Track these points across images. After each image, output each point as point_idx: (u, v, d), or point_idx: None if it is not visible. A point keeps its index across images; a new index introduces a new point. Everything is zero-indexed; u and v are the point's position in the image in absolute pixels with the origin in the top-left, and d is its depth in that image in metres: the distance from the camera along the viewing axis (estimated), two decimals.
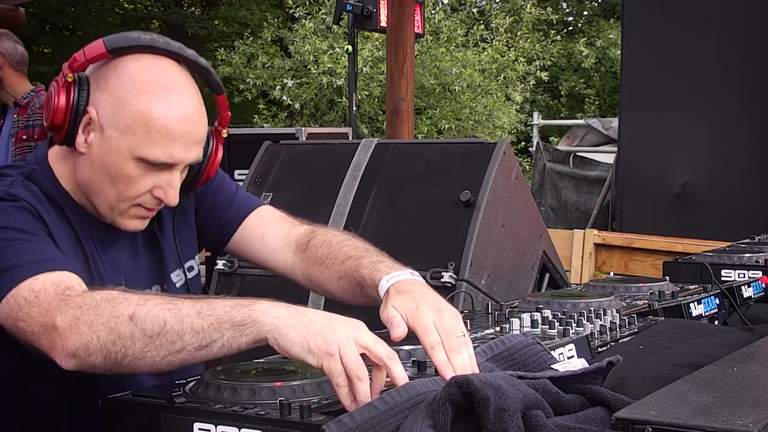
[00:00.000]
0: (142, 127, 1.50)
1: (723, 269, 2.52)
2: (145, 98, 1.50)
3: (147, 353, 1.27)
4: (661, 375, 1.36)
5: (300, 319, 1.22)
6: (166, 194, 1.56)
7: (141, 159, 1.52)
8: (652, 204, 7.12)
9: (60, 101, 1.51)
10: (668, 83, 7.11)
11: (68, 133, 1.53)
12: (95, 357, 1.29)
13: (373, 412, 1.09)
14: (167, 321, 1.26)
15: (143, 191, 1.55)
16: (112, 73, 1.53)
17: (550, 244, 3.64)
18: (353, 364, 1.17)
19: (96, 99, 1.53)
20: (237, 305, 1.25)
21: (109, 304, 1.30)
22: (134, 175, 1.53)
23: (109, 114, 1.52)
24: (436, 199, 3.23)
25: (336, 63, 10.96)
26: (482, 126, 12.09)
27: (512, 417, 1.05)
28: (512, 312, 1.83)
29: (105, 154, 1.53)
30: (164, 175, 1.55)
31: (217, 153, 1.70)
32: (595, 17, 18.28)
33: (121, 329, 1.27)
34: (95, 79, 1.54)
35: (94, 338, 1.28)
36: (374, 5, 6.68)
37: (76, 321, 1.29)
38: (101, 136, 1.53)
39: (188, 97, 1.55)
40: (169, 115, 1.51)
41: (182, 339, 1.26)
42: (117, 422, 1.28)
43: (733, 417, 0.99)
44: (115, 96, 1.52)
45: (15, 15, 5.58)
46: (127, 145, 1.51)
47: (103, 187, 1.55)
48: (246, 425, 1.14)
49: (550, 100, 17.22)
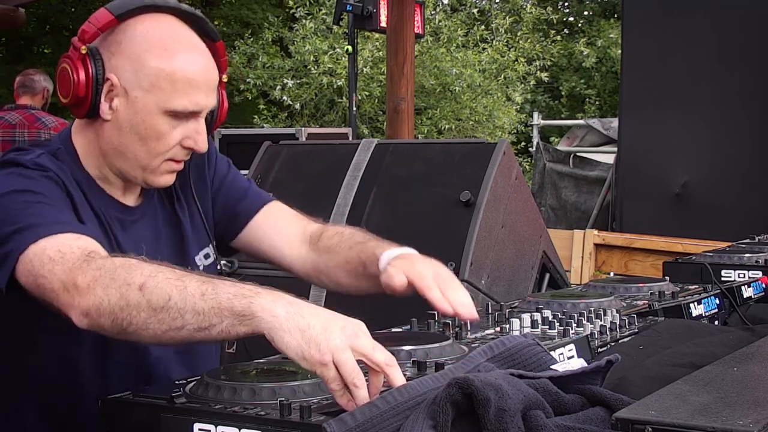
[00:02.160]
0: (166, 80, 1.56)
1: (723, 269, 2.52)
2: (162, 54, 1.56)
3: (150, 325, 1.29)
4: (661, 375, 1.36)
5: (297, 323, 1.21)
6: (196, 142, 1.62)
7: (169, 112, 1.57)
8: (652, 204, 7.12)
9: (80, 75, 1.55)
10: (668, 83, 7.12)
11: (92, 104, 1.57)
12: (104, 319, 1.32)
13: (375, 411, 1.09)
14: (172, 297, 1.28)
15: (173, 144, 1.61)
16: (123, 37, 1.58)
17: (550, 244, 3.64)
18: (349, 373, 1.17)
19: (113, 65, 1.57)
20: (239, 294, 1.26)
21: (125, 270, 1.32)
22: (164, 130, 1.58)
23: (131, 76, 1.57)
24: (436, 199, 3.23)
25: (336, 63, 10.96)
26: (482, 126, 12.09)
27: (512, 417, 1.05)
28: (512, 312, 1.83)
29: (133, 115, 1.58)
30: (191, 123, 1.61)
31: (224, 98, 1.77)
32: (596, 17, 18.28)
33: (130, 297, 1.30)
34: (106, 47, 1.59)
35: (105, 300, 1.31)
36: (374, 5, 6.68)
37: (94, 281, 1.32)
38: (126, 99, 1.58)
39: (198, 46, 1.62)
40: (189, 65, 1.58)
41: (183, 317, 1.27)
42: (117, 422, 1.28)
43: (733, 417, 0.99)
44: (132, 58, 1.57)
45: (15, 15, 5.59)
46: (154, 102, 1.57)
47: (134, 148, 1.60)
48: (246, 425, 1.14)
49: (550, 101, 17.22)
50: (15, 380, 1.63)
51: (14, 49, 13.43)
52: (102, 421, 1.29)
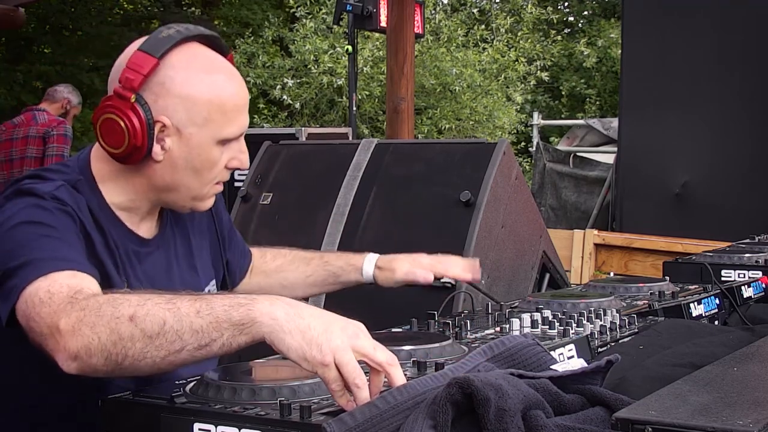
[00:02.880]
0: (218, 113, 1.59)
1: (723, 269, 2.52)
2: (208, 87, 1.58)
3: (147, 354, 1.26)
4: (661, 375, 1.36)
5: (297, 324, 1.21)
6: (241, 161, 1.67)
7: (222, 140, 1.62)
8: (652, 204, 7.12)
9: (134, 123, 1.55)
10: (668, 83, 7.12)
11: (148, 149, 1.58)
12: (96, 358, 1.28)
13: (374, 411, 1.09)
14: (167, 320, 1.25)
15: (221, 168, 1.65)
16: (164, 77, 1.57)
17: (550, 244, 3.64)
18: (350, 373, 1.17)
19: (160, 106, 1.57)
20: (236, 304, 1.25)
21: (110, 305, 1.29)
22: (216, 158, 1.63)
23: (183, 115, 1.58)
24: (436, 199, 3.23)
25: (336, 63, 10.95)
26: (482, 126, 12.08)
27: (513, 417, 1.05)
28: (512, 312, 1.83)
29: (188, 152, 1.60)
30: (234, 144, 1.65)
31: None
32: (596, 17, 18.28)
33: (121, 330, 1.26)
34: (148, 89, 1.57)
35: (95, 339, 1.27)
36: (374, 5, 6.68)
37: (78, 323, 1.29)
38: (179, 137, 1.59)
39: (232, 69, 1.66)
40: (232, 91, 1.62)
41: (182, 339, 1.25)
42: (117, 422, 1.28)
43: (733, 417, 0.99)
44: (181, 96, 1.57)
45: (15, 15, 5.58)
46: (209, 135, 1.60)
47: (188, 181, 1.63)
48: (246, 425, 1.14)
49: (550, 100, 17.21)
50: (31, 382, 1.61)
51: (14, 49, 13.41)
52: (102, 421, 1.30)
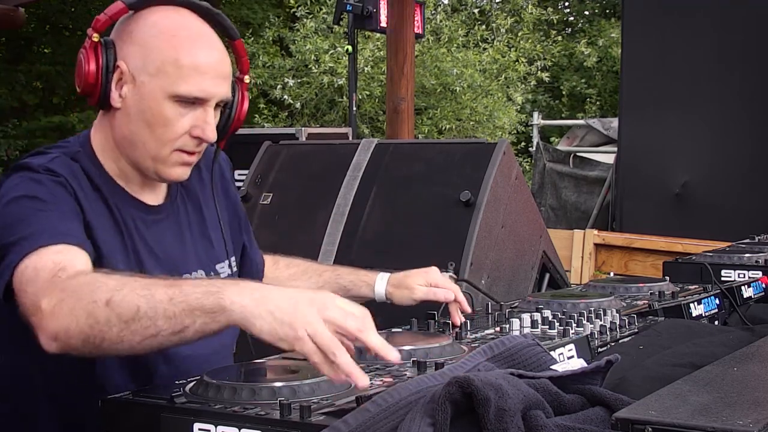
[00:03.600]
0: (172, 65, 1.56)
1: (723, 269, 2.52)
2: (171, 40, 1.58)
3: (123, 338, 1.29)
4: (661, 375, 1.36)
5: (266, 307, 1.23)
6: (203, 131, 1.60)
7: (175, 96, 1.57)
8: (652, 204, 7.12)
9: (90, 63, 1.57)
10: (668, 83, 7.12)
11: (102, 92, 1.59)
12: (75, 340, 1.32)
13: (366, 415, 1.09)
14: (140, 307, 1.28)
15: (181, 132, 1.60)
16: (134, 26, 1.60)
17: (550, 244, 3.64)
18: (325, 344, 1.19)
19: (123, 53, 1.59)
20: (207, 292, 1.27)
21: (89, 287, 1.33)
22: (171, 116, 1.58)
23: (139, 62, 1.58)
24: (436, 199, 3.23)
25: (337, 63, 10.95)
26: (482, 126, 12.08)
27: (513, 417, 1.05)
28: (512, 312, 1.84)
29: (140, 101, 1.58)
30: (199, 112, 1.60)
31: (244, 97, 1.76)
32: (596, 17, 18.28)
33: (98, 314, 1.29)
34: (119, 36, 1.61)
35: (73, 322, 1.31)
36: (374, 5, 6.68)
37: (59, 304, 1.32)
38: (134, 85, 1.59)
39: (209, 35, 1.63)
40: (196, 51, 1.58)
41: (156, 325, 1.28)
42: (117, 422, 1.28)
43: (733, 417, 0.99)
44: (141, 44, 1.58)
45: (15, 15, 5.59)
46: (160, 86, 1.57)
47: (143, 136, 1.60)
48: (246, 425, 1.14)
49: (551, 100, 17.21)
50: (35, 381, 1.61)
51: (14, 49, 13.41)
52: (102, 421, 1.29)
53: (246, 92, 1.77)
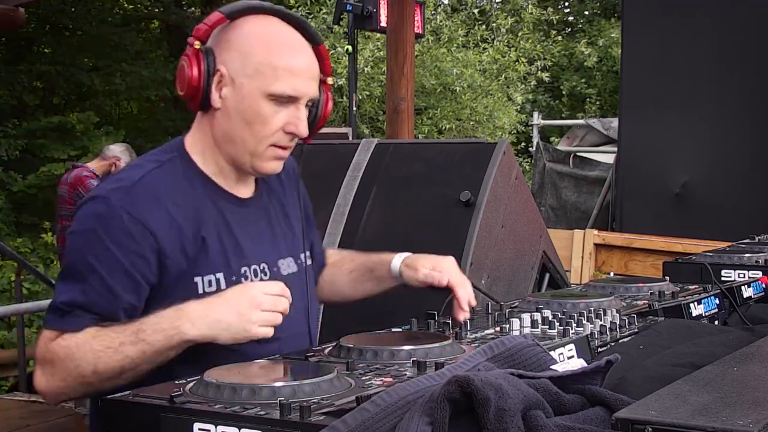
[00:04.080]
0: (268, 67, 1.73)
1: (723, 269, 2.52)
2: (267, 46, 1.75)
3: (112, 385, 1.57)
4: (661, 375, 1.36)
5: (219, 326, 1.57)
6: (297, 127, 1.77)
7: (270, 95, 1.74)
8: (652, 204, 7.12)
9: (192, 69, 1.74)
10: (668, 83, 7.12)
11: (204, 94, 1.75)
12: (70, 396, 1.68)
13: (365, 415, 1.09)
14: (123, 366, 1.58)
15: (276, 128, 1.76)
16: (232, 34, 1.77)
17: (550, 244, 3.63)
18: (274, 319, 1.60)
19: (222, 58, 1.76)
20: (167, 336, 1.57)
21: (73, 364, 1.60)
22: (267, 113, 1.75)
23: (238, 65, 1.75)
24: (436, 199, 3.23)
25: (337, 63, 10.95)
26: (483, 126, 12.09)
27: (512, 417, 1.05)
28: (512, 312, 1.83)
29: (239, 101, 1.75)
30: (292, 110, 1.77)
31: (328, 97, 1.93)
32: (596, 17, 18.28)
33: (89, 380, 1.60)
34: (218, 44, 1.77)
35: (71, 388, 1.63)
36: (374, 5, 6.68)
37: (51, 378, 1.63)
38: (233, 87, 1.75)
39: (299, 40, 1.80)
40: (289, 55, 1.76)
41: (138, 369, 1.59)
42: (117, 422, 1.28)
43: (733, 417, 0.99)
44: (239, 50, 1.75)
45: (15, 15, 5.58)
46: (257, 87, 1.73)
47: (241, 133, 1.76)
48: (246, 425, 1.14)
49: (551, 100, 17.22)
50: None
51: (14, 49, 13.41)
52: (102, 421, 1.30)
53: (330, 93, 1.93)
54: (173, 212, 1.71)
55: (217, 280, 1.72)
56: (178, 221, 1.71)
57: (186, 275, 1.70)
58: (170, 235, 1.69)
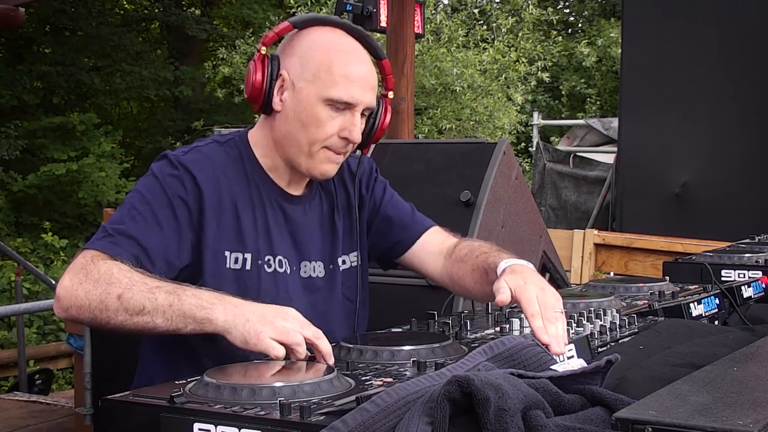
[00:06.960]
0: (326, 72, 1.81)
1: (723, 269, 2.52)
2: (327, 52, 1.83)
3: (125, 325, 1.59)
4: (661, 375, 1.36)
5: (241, 322, 1.51)
6: (350, 132, 1.84)
7: (327, 100, 1.82)
8: (652, 204, 7.11)
9: (257, 73, 1.84)
10: (668, 83, 7.11)
11: (266, 97, 1.84)
12: (84, 317, 1.63)
13: (365, 415, 1.09)
14: (145, 306, 1.57)
15: (331, 133, 1.84)
16: (296, 41, 1.87)
17: (550, 244, 3.63)
18: (291, 340, 1.48)
19: (285, 64, 1.86)
20: (199, 306, 1.55)
21: (106, 279, 1.60)
22: (323, 117, 1.82)
23: (298, 70, 1.84)
24: (436, 199, 3.22)
25: None
26: (483, 126, 12.08)
27: (512, 417, 1.05)
28: (512, 312, 1.83)
29: (297, 104, 1.84)
30: (347, 116, 1.84)
31: (387, 110, 1.99)
32: (596, 17, 18.27)
33: (109, 303, 1.59)
34: (283, 50, 1.89)
35: (86, 303, 1.61)
36: (374, 5, 6.68)
37: (79, 285, 1.62)
38: (293, 91, 1.84)
39: (359, 50, 1.88)
40: (347, 62, 1.83)
41: (155, 322, 1.57)
42: (117, 422, 1.28)
43: (733, 417, 0.99)
44: (300, 55, 1.85)
45: (15, 15, 5.58)
46: (315, 91, 1.82)
47: (297, 134, 1.84)
48: (246, 425, 1.14)
49: (551, 100, 17.21)
50: None
51: (14, 49, 13.42)
52: (102, 421, 1.30)
53: (389, 106, 1.99)
54: (221, 180, 1.82)
55: (244, 259, 1.81)
56: (222, 190, 1.81)
57: (216, 242, 1.78)
58: (213, 198, 1.79)
